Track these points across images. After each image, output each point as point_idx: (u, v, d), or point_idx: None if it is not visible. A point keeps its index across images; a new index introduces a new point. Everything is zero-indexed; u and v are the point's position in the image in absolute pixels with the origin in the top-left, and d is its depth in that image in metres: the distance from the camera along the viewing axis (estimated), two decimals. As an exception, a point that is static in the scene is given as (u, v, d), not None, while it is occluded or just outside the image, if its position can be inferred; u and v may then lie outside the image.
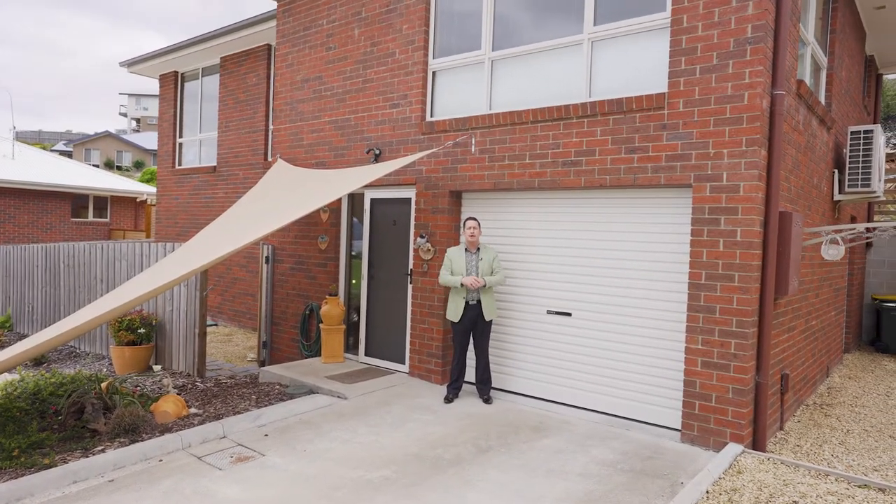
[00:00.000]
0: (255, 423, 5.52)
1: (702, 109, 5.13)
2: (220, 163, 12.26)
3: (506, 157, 6.39)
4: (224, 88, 12.20)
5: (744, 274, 4.91)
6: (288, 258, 8.70)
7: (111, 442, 4.98)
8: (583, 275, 6.05)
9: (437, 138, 6.96)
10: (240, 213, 6.99)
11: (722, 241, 5.01)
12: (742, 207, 4.92)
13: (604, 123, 5.70)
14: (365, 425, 5.50)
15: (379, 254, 7.72)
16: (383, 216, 7.69)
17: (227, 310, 12.01)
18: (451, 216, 6.93)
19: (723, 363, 5.00)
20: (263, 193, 7.49)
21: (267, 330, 8.84)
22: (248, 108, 11.70)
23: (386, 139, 7.47)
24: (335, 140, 8.07)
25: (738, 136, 4.94)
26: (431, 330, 6.97)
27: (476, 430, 5.43)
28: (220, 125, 12.29)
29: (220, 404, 6.23)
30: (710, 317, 5.07)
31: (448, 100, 7.08)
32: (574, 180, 5.89)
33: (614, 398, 5.81)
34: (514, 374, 6.55)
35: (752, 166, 4.88)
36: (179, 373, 7.69)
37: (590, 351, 6.00)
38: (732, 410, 4.94)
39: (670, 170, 5.29)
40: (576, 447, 5.04)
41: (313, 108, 8.37)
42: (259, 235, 5.53)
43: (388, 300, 7.60)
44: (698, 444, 5.10)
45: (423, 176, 7.10)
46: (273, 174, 8.12)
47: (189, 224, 13.02)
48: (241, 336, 10.93)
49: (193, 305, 7.56)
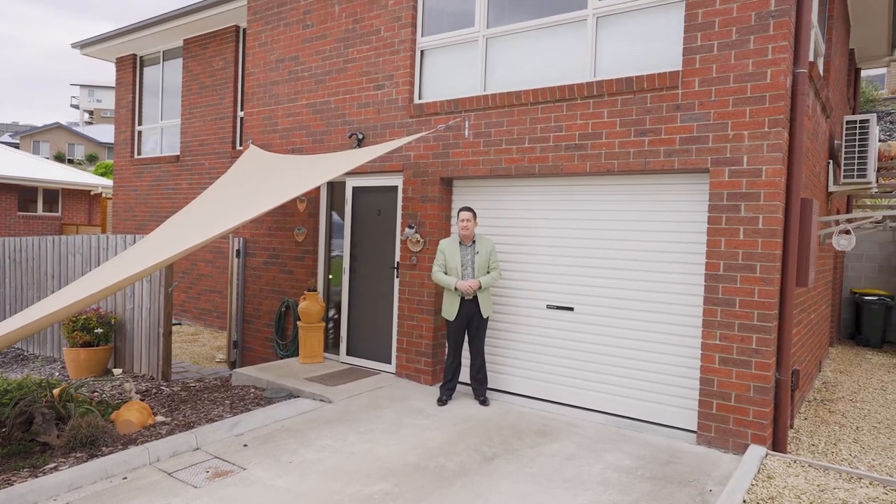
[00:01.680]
0: (231, 431, 4.96)
1: (720, 88, 4.79)
2: (183, 152, 11.50)
3: (503, 140, 5.96)
4: (188, 73, 11.44)
5: (766, 264, 4.60)
6: (261, 251, 8.10)
7: (65, 457, 4.36)
8: (586, 267, 5.67)
9: (427, 121, 6.49)
10: (208, 204, 6.38)
11: (742, 228, 4.69)
12: (764, 193, 4.60)
13: (611, 104, 5.32)
14: (355, 432, 5.00)
15: (362, 246, 7.21)
16: (367, 206, 7.17)
17: (192, 308, 11.28)
18: (442, 205, 6.47)
19: (743, 359, 4.68)
20: (234, 182, 6.88)
21: (238, 329, 8.21)
22: (214, 93, 10.98)
23: (370, 123, 6.95)
24: (313, 124, 7.51)
25: (760, 116, 4.62)
26: (420, 327, 6.50)
27: (477, 435, 4.99)
28: (184, 112, 11.53)
29: (189, 411, 5.63)
30: (729, 310, 4.74)
31: (438, 81, 6.61)
32: (578, 165, 5.50)
33: (621, 398, 5.45)
34: (512, 373, 6.14)
35: (775, 149, 4.57)
36: (142, 376, 7.03)
37: (594, 348, 5.63)
38: (754, 410, 4.63)
39: (685, 153, 4.94)
40: (587, 452, 4.65)
41: (289, 90, 7.79)
42: (229, 227, 4.99)
43: (372, 295, 7.09)
44: (716, 446, 4.77)
45: (411, 162, 6.62)
46: (244, 161, 7.52)
47: (149, 217, 12.21)
48: (207, 335, 10.24)
49: (158, 302, 6.91)
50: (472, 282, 5.63)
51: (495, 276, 5.72)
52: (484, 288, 5.70)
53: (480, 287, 5.66)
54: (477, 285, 5.64)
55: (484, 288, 5.70)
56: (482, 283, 5.66)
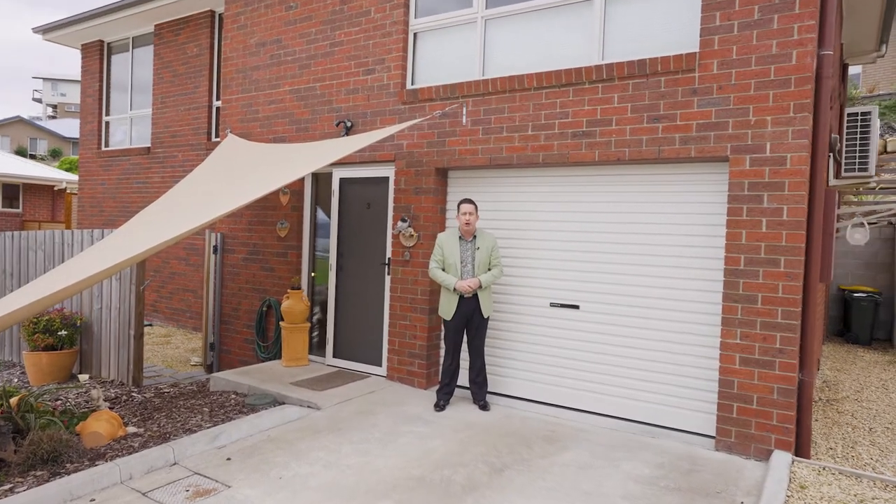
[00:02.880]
0: (213, 443, 4.50)
1: (740, 71, 4.51)
2: (154, 143, 10.89)
3: (503, 128, 5.60)
4: (159, 60, 10.83)
5: (791, 258, 4.33)
6: (240, 247, 7.61)
7: (24, 476, 3.87)
8: (593, 262, 5.35)
9: (421, 108, 6.09)
10: (182, 196, 5.90)
11: (765, 220, 4.41)
12: (789, 182, 4.33)
13: (622, 89, 5.00)
14: (349, 442, 4.59)
15: (350, 241, 6.78)
16: (355, 198, 6.75)
17: (164, 308, 10.69)
18: (437, 197, 6.08)
19: (766, 360, 4.40)
20: (211, 173, 6.39)
21: (215, 330, 7.71)
22: (188, 81, 10.41)
23: (359, 110, 6.53)
24: (297, 112, 7.05)
25: (785, 100, 4.34)
26: (414, 327, 6.11)
27: (482, 443, 4.62)
28: (155, 101, 10.91)
29: (164, 420, 5.15)
30: (750, 307, 4.45)
31: (433, 65, 6.22)
32: (586, 154, 5.17)
33: (632, 402, 5.14)
34: (513, 375, 5.79)
35: (800, 135, 4.30)
36: (111, 382, 6.50)
37: (601, 348, 5.31)
38: (778, 413, 4.35)
39: (702, 140, 4.65)
40: (603, 461, 4.32)
41: (271, 75, 7.31)
42: (205, 221, 4.55)
43: (361, 293, 6.67)
44: (736, 452, 4.48)
45: (403, 151, 6.21)
46: (222, 151, 7.02)
47: (118, 213, 11.56)
48: (180, 337, 9.68)
49: (128, 302, 6.39)
50: (472, 281, 5.27)
51: (496, 273, 5.36)
52: (484, 287, 5.34)
53: (481, 286, 5.30)
54: (477, 284, 5.27)
55: (484, 287, 5.34)
56: (482, 282, 5.29)
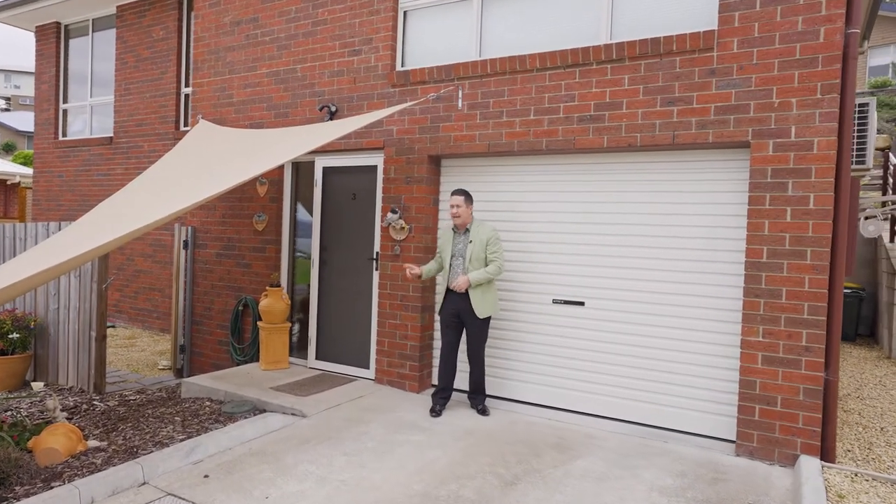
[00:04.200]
0: (187, 458, 4.02)
1: (763, 50, 4.22)
2: (118, 133, 10.21)
3: (503, 112, 5.23)
4: (122, 44, 10.16)
5: (818, 249, 4.05)
6: (213, 242, 7.07)
7: (-34, 503, 3.34)
8: (599, 256, 5.01)
9: (413, 91, 5.68)
10: (149, 186, 5.37)
11: (790, 209, 4.13)
12: (816, 168, 4.05)
13: (633, 69, 4.67)
14: (341, 454, 4.15)
15: (334, 235, 6.32)
16: (340, 188, 6.29)
17: (128, 308, 10.02)
18: (430, 186, 5.68)
19: (791, 358, 4.12)
20: (180, 161, 5.86)
21: (185, 331, 7.15)
22: (154, 67, 9.77)
23: (344, 94, 6.08)
24: (276, 96, 6.56)
25: (812, 81, 4.07)
26: (405, 326, 5.69)
27: (487, 452, 4.23)
28: (118, 88, 10.23)
29: (131, 432, 4.63)
30: (774, 302, 4.17)
31: (426, 45, 5.81)
32: (594, 140, 4.83)
33: (643, 404, 4.82)
34: (513, 377, 5.42)
35: (828, 118, 4.03)
36: (69, 389, 5.92)
37: (608, 348, 4.98)
38: (804, 416, 4.07)
39: (721, 124, 4.35)
40: (620, 470, 3.98)
41: (247, 56, 6.80)
42: (174, 210, 4.08)
43: (346, 291, 6.22)
44: (759, 457, 4.20)
45: (393, 138, 5.79)
46: (193, 137, 6.48)
47: (77, 206, 10.83)
48: (146, 339, 9.06)
49: (89, 301, 5.81)
50: (460, 280, 4.84)
51: (493, 270, 4.89)
52: (474, 285, 4.87)
53: (471, 285, 4.87)
54: (465, 284, 4.85)
55: (474, 285, 4.87)
56: (471, 280, 4.83)
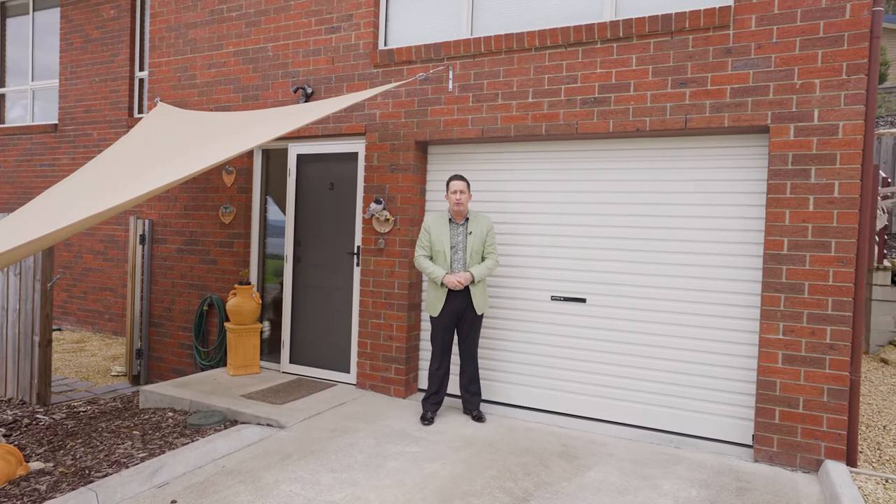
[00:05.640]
0: (151, 481, 3.48)
1: (784, 28, 3.95)
2: (63, 120, 9.40)
3: (498, 95, 4.84)
4: (68, 23, 9.36)
5: (843, 240, 3.81)
6: (174, 236, 6.46)
7: None
8: (603, 249, 4.68)
9: (398, 72, 5.24)
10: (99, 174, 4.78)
11: (812, 198, 3.87)
12: (842, 154, 3.81)
13: (642, 48, 4.35)
14: (328, 470, 3.68)
15: (310, 228, 5.82)
16: (317, 177, 5.79)
17: (76, 309, 9.23)
18: (417, 175, 5.25)
19: (814, 357, 3.86)
20: (136, 146, 5.27)
21: (142, 334, 6.52)
22: (104, 48, 9.01)
23: (321, 74, 5.59)
24: (244, 77, 6.01)
25: (837, 60, 3.82)
26: (390, 327, 5.25)
27: (490, 465, 3.84)
28: (64, 71, 9.42)
29: (82, 450, 4.05)
30: (795, 297, 3.91)
31: (412, 22, 5.37)
32: (598, 124, 4.49)
33: (649, 406, 4.51)
34: (508, 380, 5.04)
35: (855, 100, 3.78)
36: (8, 401, 5.25)
37: (611, 347, 4.65)
38: (828, 418, 3.82)
39: (738, 108, 4.07)
40: (638, 481, 3.64)
41: (211, 34, 6.22)
42: (127, 200, 3.56)
43: (324, 289, 5.73)
44: (779, 462, 3.93)
45: (376, 122, 5.34)
46: (151, 121, 5.88)
47: (17, 199, 9.94)
48: (97, 343, 8.32)
49: (31, 302, 5.16)
50: (462, 275, 4.45)
51: (491, 265, 4.57)
52: (477, 280, 4.55)
53: (473, 281, 4.50)
54: (468, 279, 4.47)
55: (477, 280, 4.55)
56: (475, 276, 4.48)
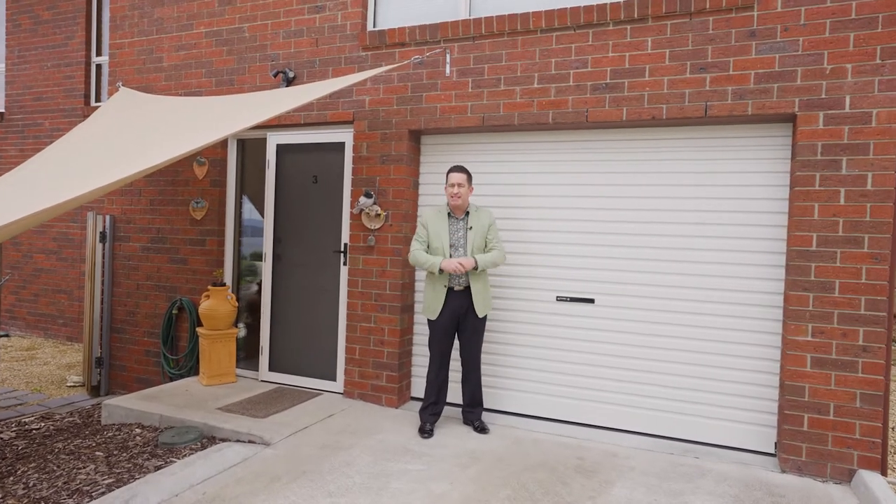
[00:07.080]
0: (120, 515, 3.01)
1: (812, 9, 3.71)
2: (10, 108, 8.66)
3: (500, 80, 4.49)
4: (14, 3, 8.62)
5: (877, 236, 3.58)
6: (139, 234, 5.91)
7: None
8: (613, 246, 4.38)
9: (390, 55, 4.84)
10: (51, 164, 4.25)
11: (843, 191, 3.64)
12: (875, 144, 3.58)
13: (658, 31, 4.07)
14: (325, 494, 3.27)
15: (291, 224, 5.36)
16: (299, 169, 5.34)
17: (26, 314, 8.51)
18: (411, 167, 4.86)
19: (846, 360, 3.63)
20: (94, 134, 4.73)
21: (103, 340, 5.94)
22: (56, 31, 8.32)
23: (304, 57, 5.15)
24: (217, 60, 5.52)
25: (870, 44, 3.60)
26: (381, 331, 4.84)
27: (504, 483, 3.48)
28: (10, 55, 8.68)
29: (35, 476, 3.53)
30: (825, 296, 3.67)
31: (404, 1, 4.98)
32: (610, 112, 4.18)
33: (665, 414, 4.23)
34: (509, 386, 4.70)
35: (889, 86, 3.56)
36: (-51, 419, 4.66)
37: (622, 350, 4.36)
38: (861, 425, 3.60)
39: (763, 94, 3.81)
40: (667, 498, 3.34)
41: (180, 13, 5.70)
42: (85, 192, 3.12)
43: (307, 289, 5.28)
44: (809, 473, 3.68)
45: (365, 110, 4.93)
46: (112, 107, 5.34)
47: (-40, 194, 9.14)
48: (50, 350, 7.65)
49: (-24, 306, 4.58)
50: (466, 260, 4.08)
51: (497, 256, 4.18)
52: (480, 270, 4.15)
53: (476, 267, 4.12)
54: (471, 265, 4.09)
55: (480, 270, 4.15)
56: (479, 263, 4.11)
